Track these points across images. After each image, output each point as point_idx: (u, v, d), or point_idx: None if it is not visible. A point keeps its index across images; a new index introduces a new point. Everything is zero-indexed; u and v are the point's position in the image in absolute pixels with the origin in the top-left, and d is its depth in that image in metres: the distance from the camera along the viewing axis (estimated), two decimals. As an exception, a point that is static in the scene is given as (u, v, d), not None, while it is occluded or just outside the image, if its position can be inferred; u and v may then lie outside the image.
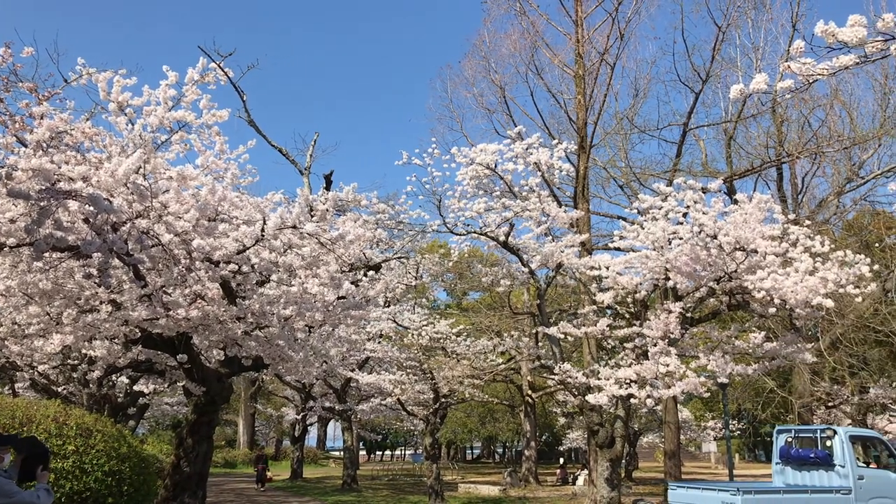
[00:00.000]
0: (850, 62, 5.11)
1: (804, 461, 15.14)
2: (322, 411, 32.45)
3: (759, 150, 27.12)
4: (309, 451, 49.57)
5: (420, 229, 17.19)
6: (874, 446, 15.58)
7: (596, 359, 19.52)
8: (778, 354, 15.44)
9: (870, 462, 15.15)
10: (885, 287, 23.85)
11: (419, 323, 24.11)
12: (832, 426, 16.02)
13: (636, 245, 14.77)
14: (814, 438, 15.30)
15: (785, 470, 15.60)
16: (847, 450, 14.46)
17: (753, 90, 5.70)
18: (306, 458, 42.10)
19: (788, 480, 15.40)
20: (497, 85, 25.68)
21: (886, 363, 36.60)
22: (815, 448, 15.05)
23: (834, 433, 14.90)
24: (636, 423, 37.83)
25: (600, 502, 14.83)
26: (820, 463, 14.77)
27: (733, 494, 13.22)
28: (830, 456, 14.61)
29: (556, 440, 59.31)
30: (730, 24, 25.24)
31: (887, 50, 4.93)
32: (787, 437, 15.91)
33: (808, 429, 16.25)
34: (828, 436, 14.92)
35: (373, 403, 29.40)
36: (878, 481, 14.51)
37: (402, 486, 30.90)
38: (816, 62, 5.19)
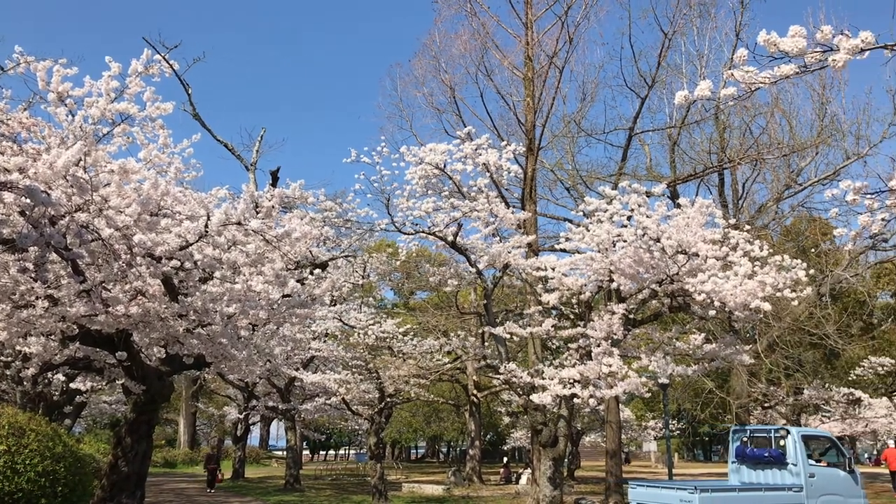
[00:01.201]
0: (790, 72, 5.26)
1: (759, 460, 15.68)
2: (265, 410, 32.07)
3: (701, 155, 27.73)
4: (251, 450, 48.98)
5: (368, 228, 17.12)
6: (825, 445, 16.17)
7: (541, 359, 19.70)
8: (717, 356, 15.81)
9: (821, 460, 15.68)
10: (819, 291, 24.62)
11: (365, 322, 24.01)
12: (786, 426, 16.69)
13: (581, 247, 14.95)
14: (768, 438, 15.84)
15: (740, 469, 16.12)
16: (799, 449, 15.04)
17: (698, 97, 5.82)
18: (248, 457, 41.58)
19: (744, 479, 15.90)
20: (447, 85, 25.73)
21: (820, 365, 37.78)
22: (770, 447, 15.59)
23: (787, 433, 15.47)
24: (579, 423, 38.32)
25: (543, 501, 14.97)
26: (774, 462, 15.29)
27: (691, 493, 13.55)
28: (784, 455, 15.16)
29: (501, 439, 59.73)
30: (676, 32, 25.73)
31: (825, 61, 5.08)
32: (742, 436, 16.44)
33: (763, 429, 16.83)
34: (781, 435, 15.49)
35: (317, 403, 29.17)
36: (828, 479, 15.13)
37: (345, 486, 30.74)
38: (759, 71, 5.33)
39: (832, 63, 5.03)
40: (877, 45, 4.97)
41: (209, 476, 27.34)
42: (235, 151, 20.05)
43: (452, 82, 25.63)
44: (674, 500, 13.90)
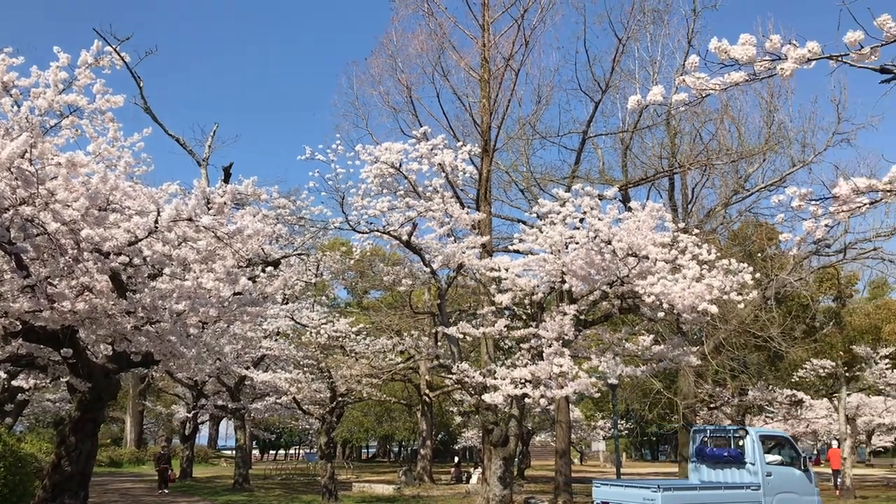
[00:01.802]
0: (740, 79, 5.38)
1: (718, 459, 16.13)
2: (214, 409, 31.64)
3: (653, 160, 28.16)
4: (199, 449, 48.25)
5: (322, 226, 17.01)
6: (781, 445, 16.64)
7: (493, 359, 19.81)
8: (665, 357, 16.09)
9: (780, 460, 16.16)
10: (765, 295, 25.22)
11: (318, 321, 23.81)
12: (745, 427, 17.21)
13: (535, 248, 15.07)
14: (727, 438, 16.44)
15: (700, 468, 16.52)
16: (757, 449, 15.51)
17: (650, 102, 5.92)
18: (197, 457, 40.95)
19: (703, 477, 16.27)
20: (403, 84, 25.68)
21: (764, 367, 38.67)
22: (729, 447, 16.13)
23: (746, 433, 15.99)
24: (530, 423, 38.63)
25: (493, 500, 15.05)
26: (732, 461, 15.77)
27: (654, 491, 13.84)
28: (742, 454, 15.64)
29: (452, 439, 59.87)
30: (630, 37, 26.09)
31: (774, 69, 5.21)
32: (702, 437, 16.91)
33: (722, 429, 17.52)
34: (740, 436, 16.02)
35: (267, 402, 28.88)
36: (784, 478, 15.65)
37: (295, 486, 30.49)
38: (709, 77, 5.44)
39: (780, 71, 5.16)
40: (822, 55, 5.12)
41: (160, 476, 26.46)
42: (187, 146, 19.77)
43: (409, 82, 25.61)
44: (637, 498, 14.20)
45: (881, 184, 5.97)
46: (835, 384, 35.98)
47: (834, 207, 6.24)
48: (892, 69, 5.19)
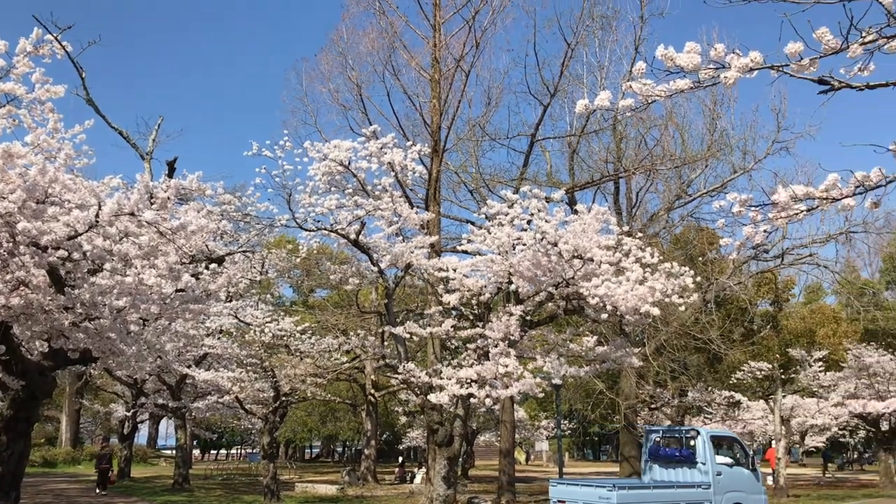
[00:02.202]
0: (685, 86, 5.49)
1: (671, 459, 16.65)
2: (154, 408, 30.97)
3: (599, 164, 28.55)
4: (138, 449, 47.18)
5: (268, 223, 16.78)
6: (731, 445, 17.25)
7: (439, 358, 19.85)
8: (608, 358, 16.34)
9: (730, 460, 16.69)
10: (705, 298, 25.80)
11: (262, 319, 23.50)
12: (696, 427, 17.63)
13: (483, 249, 15.14)
14: (679, 438, 16.96)
15: (653, 467, 16.99)
16: (708, 449, 16.04)
17: (597, 106, 6.01)
18: (135, 456, 40.05)
19: (656, 477, 16.73)
20: (354, 82, 25.55)
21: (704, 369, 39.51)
22: (681, 447, 16.63)
23: (697, 434, 16.50)
24: (474, 423, 38.78)
25: (436, 500, 15.08)
26: (684, 461, 16.27)
27: (610, 490, 14.19)
28: (694, 454, 16.13)
29: (397, 439, 59.76)
30: (578, 42, 26.43)
31: (717, 77, 5.34)
32: (655, 437, 17.47)
33: (675, 429, 18.06)
34: (692, 436, 16.52)
35: (209, 401, 28.38)
36: (733, 477, 16.24)
37: (236, 486, 30.09)
38: (655, 84, 5.54)
39: (724, 80, 5.29)
40: (764, 65, 5.26)
41: (100, 476, 25.44)
42: (131, 140, 19.36)
43: (359, 80, 25.50)
44: (593, 497, 14.51)
45: (818, 192, 6.15)
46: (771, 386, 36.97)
47: (773, 214, 6.41)
48: (829, 81, 5.36)
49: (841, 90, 5.38)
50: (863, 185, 5.96)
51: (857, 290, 41.89)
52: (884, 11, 4.91)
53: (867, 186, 5.95)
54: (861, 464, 60.08)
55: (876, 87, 5.42)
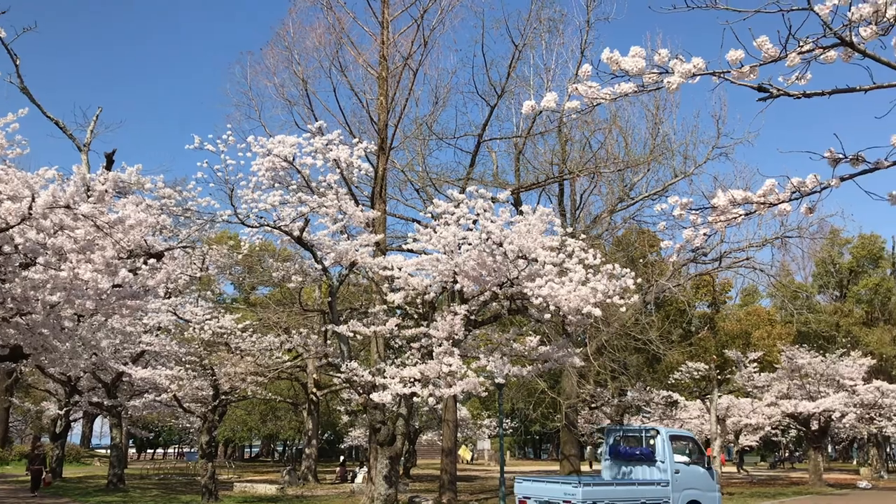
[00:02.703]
0: (629, 90, 5.56)
1: (631, 457, 17.13)
2: (89, 406, 30.12)
3: (544, 165, 28.87)
4: (71, 448, 45.87)
5: (209, 218, 16.45)
6: (688, 445, 17.82)
7: (383, 357, 19.76)
8: (550, 357, 16.50)
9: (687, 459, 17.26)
10: (645, 299, 26.27)
11: (202, 316, 23.07)
12: (655, 427, 18.03)
13: (428, 248, 15.14)
14: (639, 438, 17.39)
15: (613, 465, 17.42)
16: (667, 448, 16.51)
17: (544, 108, 6.03)
18: (68, 456, 38.92)
19: (615, 474, 17.14)
20: (300, 77, 25.25)
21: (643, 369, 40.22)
22: (641, 446, 17.09)
23: (657, 433, 16.94)
24: (417, 421, 38.76)
25: (377, 499, 15.02)
26: (644, 459, 16.76)
27: (575, 486, 14.56)
28: (653, 453, 16.62)
29: (339, 438, 59.40)
30: (526, 44, 26.63)
31: (661, 82, 5.42)
32: (615, 436, 17.96)
33: (635, 429, 18.56)
34: (651, 435, 16.96)
35: (146, 399, 27.71)
36: (690, 475, 16.78)
37: (173, 486, 29.49)
38: (600, 87, 5.60)
39: (667, 85, 5.36)
40: (706, 71, 5.36)
41: (33, 478, 24.27)
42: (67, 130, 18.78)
43: (305, 75, 25.21)
44: (558, 493, 14.85)
45: (756, 196, 6.30)
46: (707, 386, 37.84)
47: (712, 217, 6.54)
48: (768, 88, 5.48)
49: (779, 98, 5.51)
50: (799, 191, 6.11)
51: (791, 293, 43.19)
52: (820, 22, 5.05)
53: (803, 192, 6.11)
54: (792, 462, 61.96)
55: (812, 96, 5.56)
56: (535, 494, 15.51)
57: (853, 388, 33.35)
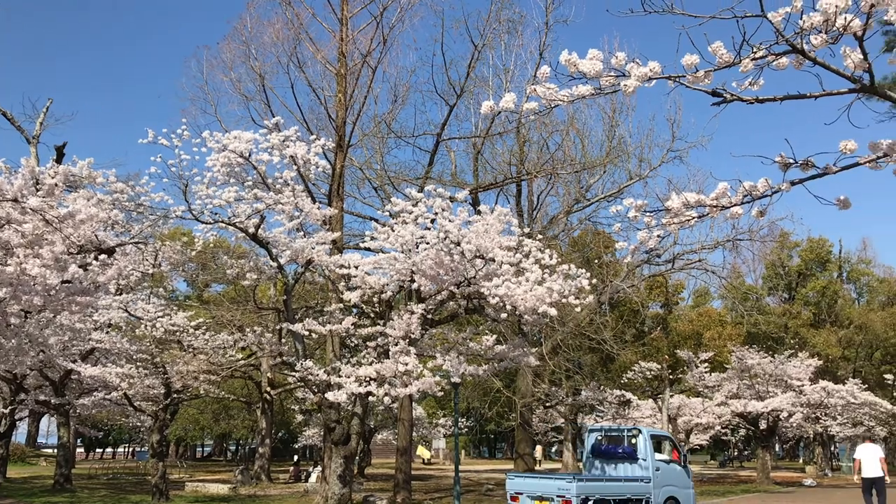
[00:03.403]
0: (587, 92, 5.61)
1: (613, 455, 17.87)
2: (35, 405, 29.38)
3: (502, 166, 29.00)
4: (16, 448, 44.73)
5: (162, 214, 16.16)
6: (666, 444, 18.62)
7: (338, 356, 19.66)
8: (506, 357, 16.59)
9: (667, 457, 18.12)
10: (600, 300, 26.56)
11: (154, 314, 22.66)
12: (638, 427, 18.91)
13: (386, 247, 15.10)
14: (621, 437, 18.23)
15: (595, 463, 18.17)
16: (648, 446, 17.30)
17: (502, 108, 6.06)
18: (13, 456, 37.96)
19: (597, 472, 17.87)
20: (257, 73, 24.96)
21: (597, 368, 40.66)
22: (623, 445, 17.86)
23: (639, 433, 17.78)
24: (372, 421, 38.65)
25: (331, 499, 14.94)
26: (627, 457, 17.53)
27: (569, 482, 15.08)
28: (635, 451, 17.41)
29: (293, 437, 58.91)
30: (485, 45, 26.76)
31: (618, 85, 5.48)
32: (597, 435, 18.74)
33: (617, 428, 19.54)
34: (634, 434, 17.85)
35: (96, 398, 27.14)
36: (668, 472, 17.63)
37: (123, 486, 28.94)
38: (558, 89, 5.64)
39: (624, 88, 5.43)
40: (662, 75, 5.43)
41: None
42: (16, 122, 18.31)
43: (263, 70, 24.94)
44: (552, 488, 15.36)
45: (709, 200, 6.41)
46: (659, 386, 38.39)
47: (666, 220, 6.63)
48: (722, 93, 5.58)
49: (733, 103, 5.61)
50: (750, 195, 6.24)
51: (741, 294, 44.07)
52: (773, 30, 5.16)
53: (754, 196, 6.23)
54: (741, 461, 63.21)
55: (765, 101, 5.68)
56: (528, 490, 15.97)
57: (800, 389, 34.15)
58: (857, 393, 35.84)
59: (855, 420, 41.29)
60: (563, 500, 14.82)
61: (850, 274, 62.58)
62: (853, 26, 4.98)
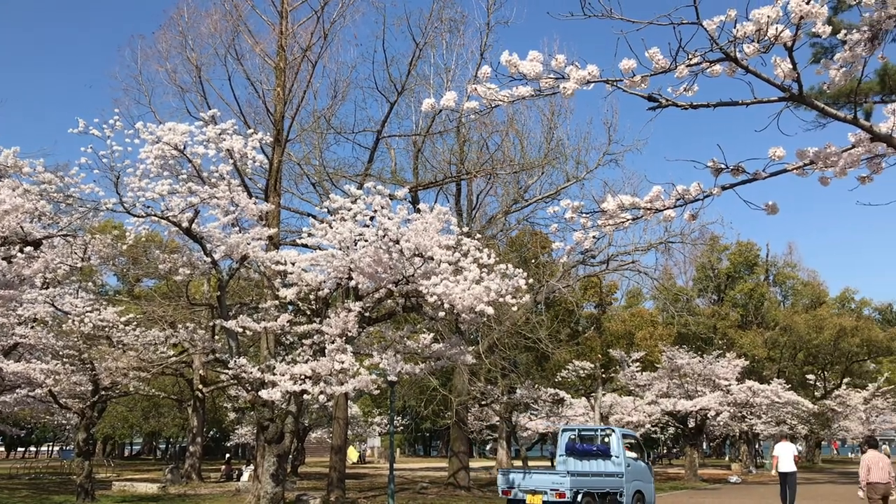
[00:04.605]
0: (526, 93, 5.67)
1: (587, 453, 19.42)
2: (-48, 403, 28.23)
3: (442, 165, 29.06)
4: (-70, 448, 42.92)
5: (92, 206, 15.68)
6: (634, 443, 20.27)
7: (273, 354, 19.41)
8: (443, 355, 16.64)
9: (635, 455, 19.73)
10: (536, 299, 26.86)
11: (82, 308, 21.98)
12: (611, 427, 20.57)
13: (323, 244, 14.97)
14: (594, 436, 19.94)
15: (568, 460, 19.54)
16: (620, 445, 18.94)
17: (443, 107, 6.08)
18: (-74, 456, 36.37)
19: (570, 468, 18.88)
20: (193, 64, 24.39)
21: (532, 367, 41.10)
22: (596, 443, 19.52)
23: (612, 432, 19.49)
24: (307, 419, 38.30)
25: (264, 498, 14.75)
26: (600, 454, 19.13)
27: (563, 476, 16.48)
28: (609, 449, 19.00)
29: (225, 436, 57.94)
30: (427, 43, 26.75)
31: (557, 87, 5.54)
32: (570, 435, 20.18)
33: (590, 428, 21.41)
34: (607, 434, 19.54)
35: (18, 395, 26.17)
36: (636, 468, 19.33)
37: (46, 486, 28.04)
38: (499, 89, 5.68)
39: (563, 90, 5.50)
40: (600, 79, 5.52)
41: None
42: (-65, 106, 17.49)
43: (199, 62, 24.39)
44: (546, 483, 16.60)
45: (643, 202, 6.55)
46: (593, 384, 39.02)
47: (601, 221, 6.75)
48: (658, 98, 5.71)
49: (668, 108, 5.74)
50: (683, 199, 6.40)
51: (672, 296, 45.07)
52: (708, 37, 5.29)
53: (687, 200, 6.39)
54: (669, 458, 64.73)
55: (699, 107, 5.83)
56: (521, 485, 17.03)
57: (727, 388, 35.17)
58: (781, 392, 37.11)
59: (778, 419, 42.72)
60: (557, 494, 16.11)
61: (776, 277, 64.69)
62: (783, 37, 5.15)
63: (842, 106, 15.55)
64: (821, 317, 52.39)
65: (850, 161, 5.88)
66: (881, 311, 71.07)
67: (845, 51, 5.59)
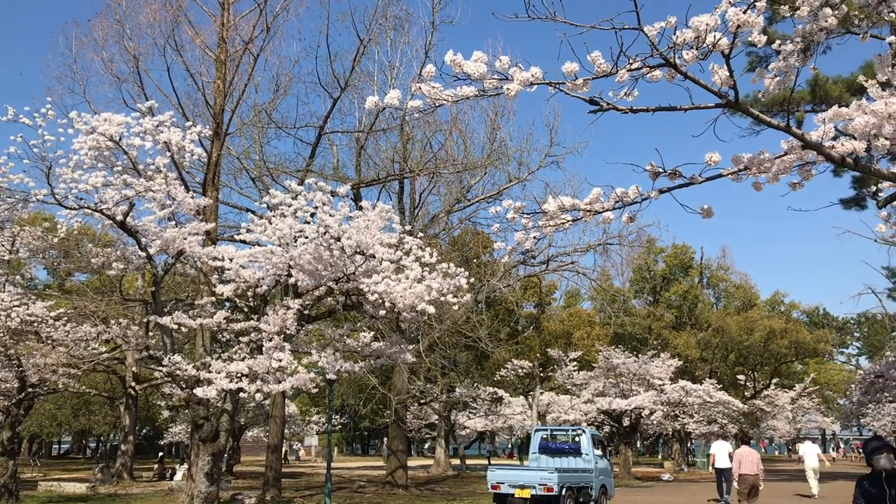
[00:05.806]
0: (470, 93, 5.68)
1: (559, 451, 20.82)
2: None
3: (385, 162, 28.99)
4: None
5: (22, 197, 15.15)
6: (599, 442, 21.61)
7: (209, 351, 19.08)
8: (383, 353, 16.58)
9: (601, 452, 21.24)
10: (477, 298, 27.00)
11: (9, 303, 21.23)
12: (582, 427, 22.14)
13: (262, 240, 14.75)
14: (567, 435, 21.34)
15: (541, 458, 20.83)
16: (590, 443, 20.43)
17: (387, 104, 6.05)
18: None
19: (543, 465, 20.17)
20: (131, 53, 23.78)
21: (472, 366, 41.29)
22: (569, 442, 20.96)
23: (583, 432, 20.96)
24: (243, 418, 37.78)
25: (198, 497, 14.46)
26: (572, 452, 20.57)
27: (551, 473, 17.50)
28: (580, 447, 20.53)
29: (158, 434, 56.70)
30: (371, 40, 26.66)
31: (501, 88, 5.57)
32: (542, 434, 21.54)
33: (563, 428, 22.86)
34: (578, 434, 20.98)
35: (-62, 392, 25.19)
36: (602, 465, 20.84)
37: (-34, 488, 26.96)
38: (443, 88, 5.68)
39: (506, 91, 5.53)
40: (543, 81, 5.57)
41: None
42: None
43: (137, 51, 23.79)
44: (534, 479, 17.56)
45: (583, 204, 6.63)
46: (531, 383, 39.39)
47: (542, 222, 6.82)
48: (599, 102, 5.78)
49: (609, 111, 5.83)
50: (622, 201, 6.50)
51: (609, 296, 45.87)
52: (648, 43, 5.39)
53: (625, 202, 6.50)
54: (605, 456, 65.72)
55: (638, 112, 5.93)
56: (509, 480, 17.93)
57: (661, 388, 35.92)
58: (713, 392, 38.07)
59: (710, 418, 43.86)
60: (546, 488, 17.14)
61: (709, 280, 66.39)
62: (721, 44, 5.28)
63: (775, 114, 16.04)
64: (752, 319, 53.95)
65: (783, 167, 6.06)
66: (809, 313, 73.68)
67: (779, 61, 5.76)
